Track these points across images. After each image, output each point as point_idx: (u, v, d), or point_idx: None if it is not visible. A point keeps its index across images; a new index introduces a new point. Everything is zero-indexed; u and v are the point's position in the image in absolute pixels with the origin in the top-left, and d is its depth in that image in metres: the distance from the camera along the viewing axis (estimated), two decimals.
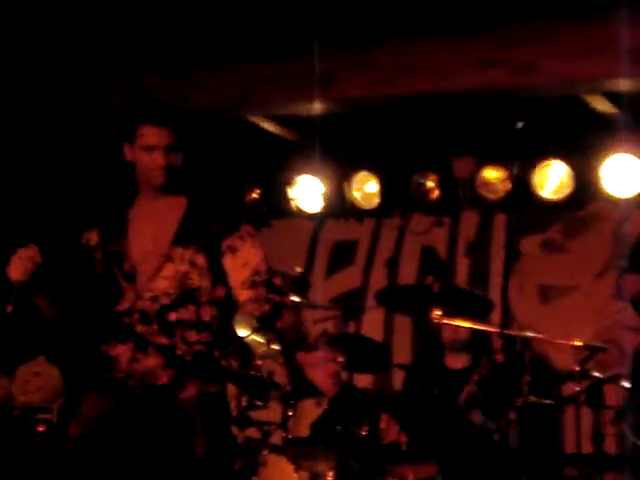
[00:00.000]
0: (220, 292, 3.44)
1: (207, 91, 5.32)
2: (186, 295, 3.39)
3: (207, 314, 3.41)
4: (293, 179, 6.18)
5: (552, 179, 5.79)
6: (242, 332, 5.40)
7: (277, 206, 6.28)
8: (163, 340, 3.38)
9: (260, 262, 3.39)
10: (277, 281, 3.41)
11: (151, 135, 3.44)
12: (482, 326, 4.88)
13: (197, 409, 3.35)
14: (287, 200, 6.23)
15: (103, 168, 3.70)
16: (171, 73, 5.33)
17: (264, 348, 5.37)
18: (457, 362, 5.13)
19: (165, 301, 3.38)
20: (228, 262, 3.40)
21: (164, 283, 3.38)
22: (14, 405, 5.45)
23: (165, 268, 3.39)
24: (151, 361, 3.37)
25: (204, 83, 5.29)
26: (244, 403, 5.33)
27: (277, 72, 5.16)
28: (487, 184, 5.88)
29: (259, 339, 5.39)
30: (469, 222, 6.08)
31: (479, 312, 5.05)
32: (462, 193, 5.96)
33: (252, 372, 5.38)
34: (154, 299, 3.39)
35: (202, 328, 3.40)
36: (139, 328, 3.39)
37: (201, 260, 3.39)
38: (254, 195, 6.28)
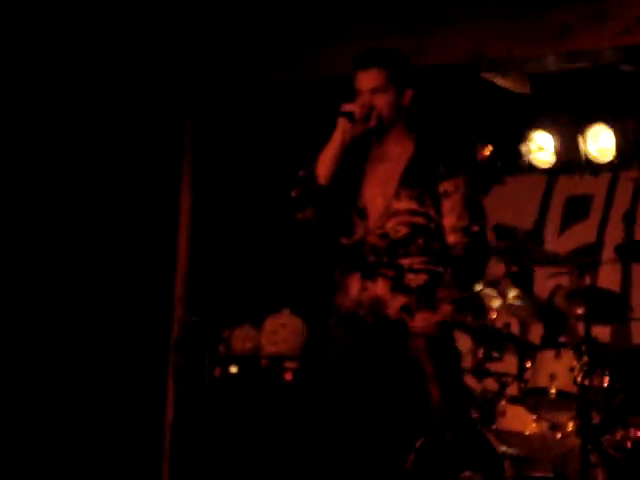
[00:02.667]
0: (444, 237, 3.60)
1: (442, 48, 5.38)
2: (414, 232, 3.57)
3: (434, 246, 3.58)
4: (526, 135, 6.19)
5: None
6: (476, 285, 5.49)
7: (510, 162, 6.30)
8: (390, 272, 3.56)
9: (464, 211, 3.56)
10: (474, 228, 3.56)
11: (357, 80, 3.61)
12: None
13: (427, 348, 3.49)
14: (520, 156, 6.24)
15: None
16: (407, 31, 5.40)
17: (499, 301, 5.44)
18: None
19: (394, 237, 3.57)
20: (443, 205, 3.57)
21: (393, 221, 3.57)
22: (262, 355, 5.74)
23: (393, 207, 3.58)
24: (379, 289, 3.55)
25: (439, 40, 5.35)
26: (480, 355, 5.42)
27: (513, 28, 5.16)
28: None
29: (494, 292, 5.47)
30: None
31: None
32: None
33: (487, 324, 5.47)
34: (383, 235, 3.58)
35: (429, 258, 3.57)
36: (370, 259, 3.58)
37: (428, 200, 3.56)
38: (487, 152, 6.32)
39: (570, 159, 6.10)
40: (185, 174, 6.19)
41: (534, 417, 5.14)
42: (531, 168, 6.27)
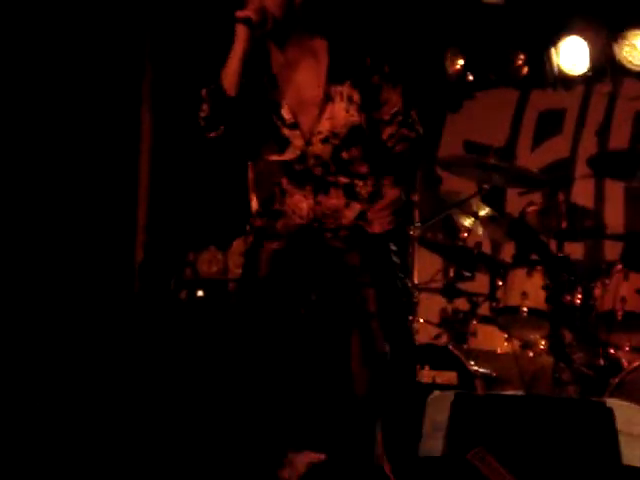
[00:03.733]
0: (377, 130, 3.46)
1: None
2: (352, 132, 3.42)
3: (372, 149, 3.45)
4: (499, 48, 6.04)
5: None
6: (446, 205, 5.41)
7: (482, 76, 6.16)
8: (342, 179, 3.44)
9: (398, 100, 3.43)
10: (414, 115, 3.45)
11: None
12: None
13: (361, 260, 3.40)
14: (493, 69, 6.10)
15: None
16: None
17: (470, 220, 5.35)
18: None
19: (335, 141, 3.42)
20: (380, 96, 3.44)
21: (330, 123, 3.42)
22: (229, 278, 5.64)
23: (327, 109, 3.42)
24: (333, 201, 3.44)
25: None
26: (451, 275, 5.35)
27: None
28: None
29: (465, 211, 5.38)
30: None
31: None
32: None
33: (458, 243, 5.39)
34: (324, 141, 3.43)
35: (372, 162, 3.45)
36: (317, 171, 3.45)
37: (357, 96, 3.42)
38: (457, 66, 6.17)
39: (543, 72, 5.98)
40: (145, 97, 6.03)
41: (506, 336, 5.10)
42: (503, 82, 6.15)
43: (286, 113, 3.46)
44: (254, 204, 3.60)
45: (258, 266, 3.52)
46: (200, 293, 5.55)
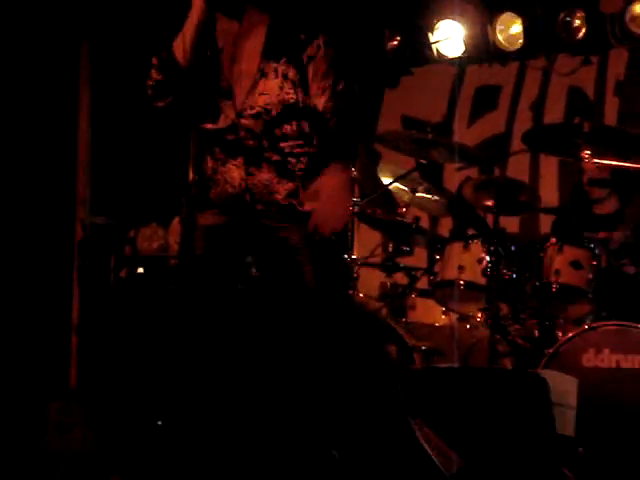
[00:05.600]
0: (313, 104, 3.52)
1: None
2: (286, 110, 3.48)
3: (306, 126, 3.51)
4: (434, 24, 6.07)
5: None
6: (385, 180, 5.45)
7: (418, 53, 6.19)
8: (274, 156, 3.48)
9: (329, 70, 3.48)
10: (339, 87, 3.48)
11: None
12: (636, 165, 4.74)
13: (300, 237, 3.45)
14: (428, 46, 6.13)
15: None
16: None
17: (408, 195, 5.40)
18: (607, 205, 5.03)
19: (267, 117, 3.47)
20: (309, 71, 3.49)
21: (263, 99, 3.47)
22: (170, 255, 5.62)
23: (260, 84, 3.47)
24: (265, 175, 3.49)
25: None
26: (390, 249, 5.41)
27: None
28: (637, 18, 5.67)
29: (403, 187, 5.43)
30: (618, 60, 5.86)
31: (631, 151, 4.92)
32: (610, 29, 5.74)
33: (397, 218, 5.44)
34: (256, 116, 3.47)
35: (305, 141, 3.50)
36: (249, 143, 3.48)
37: (292, 73, 3.47)
38: (394, 42, 6.19)
39: (479, 48, 6.03)
40: (83, 67, 5.95)
41: (443, 309, 5.17)
42: (440, 58, 6.18)
43: (221, 82, 3.49)
44: (191, 174, 3.64)
45: (193, 244, 3.53)
46: (140, 270, 5.53)
